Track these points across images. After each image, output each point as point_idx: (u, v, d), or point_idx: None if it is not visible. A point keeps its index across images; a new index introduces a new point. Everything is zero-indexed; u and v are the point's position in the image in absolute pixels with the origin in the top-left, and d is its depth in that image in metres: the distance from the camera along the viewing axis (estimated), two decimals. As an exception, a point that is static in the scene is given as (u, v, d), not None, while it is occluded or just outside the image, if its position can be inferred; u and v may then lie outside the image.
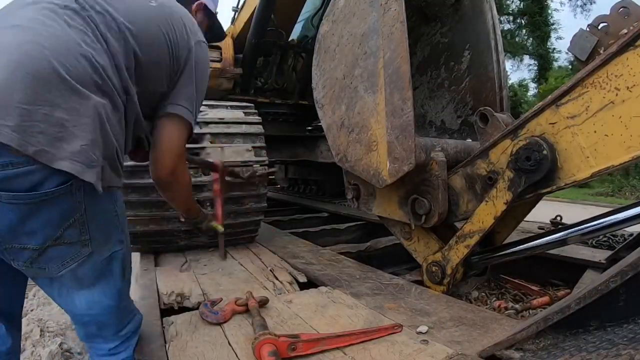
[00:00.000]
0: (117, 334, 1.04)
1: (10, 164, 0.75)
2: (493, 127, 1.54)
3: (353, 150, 1.66)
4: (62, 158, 0.78)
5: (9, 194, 0.77)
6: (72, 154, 0.79)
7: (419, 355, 1.06)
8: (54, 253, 0.86)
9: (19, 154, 0.75)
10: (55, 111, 0.78)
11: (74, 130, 0.80)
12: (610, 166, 1.15)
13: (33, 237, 0.82)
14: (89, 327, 1.01)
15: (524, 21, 17.80)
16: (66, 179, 0.81)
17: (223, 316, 1.29)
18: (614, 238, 2.29)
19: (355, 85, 1.63)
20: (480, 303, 1.88)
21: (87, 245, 0.90)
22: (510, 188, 1.33)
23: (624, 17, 1.30)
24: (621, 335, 0.85)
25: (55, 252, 0.86)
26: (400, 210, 1.69)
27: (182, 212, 1.51)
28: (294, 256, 2.12)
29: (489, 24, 1.97)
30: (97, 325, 1.01)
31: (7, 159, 0.75)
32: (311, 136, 4.16)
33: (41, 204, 0.80)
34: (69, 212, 0.85)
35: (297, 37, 3.69)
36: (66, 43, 0.84)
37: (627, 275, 0.84)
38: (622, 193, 11.65)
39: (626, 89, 1.09)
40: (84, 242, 0.89)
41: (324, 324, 1.26)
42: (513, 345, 0.99)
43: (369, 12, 1.57)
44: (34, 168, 0.77)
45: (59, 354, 2.07)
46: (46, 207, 0.81)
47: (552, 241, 1.50)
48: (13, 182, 0.76)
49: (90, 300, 0.95)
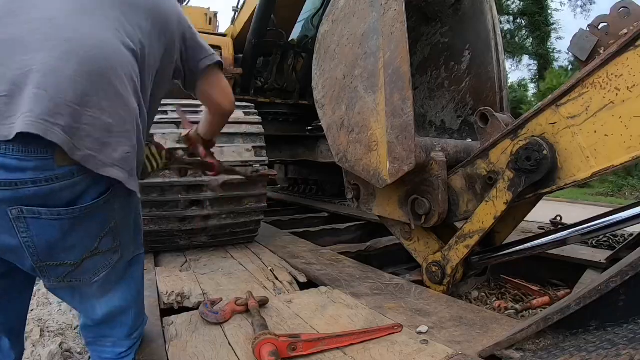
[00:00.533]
0: (128, 337, 1.02)
1: (55, 176, 0.70)
2: (493, 127, 1.54)
3: (353, 150, 1.66)
4: (108, 165, 0.74)
5: (51, 210, 0.71)
6: (118, 160, 0.76)
7: (419, 355, 1.06)
8: (89, 265, 0.82)
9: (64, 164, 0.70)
10: (103, 114, 0.74)
11: (119, 137, 0.77)
12: (610, 166, 1.15)
13: (72, 253, 0.78)
14: (103, 329, 0.98)
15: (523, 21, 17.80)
16: (105, 188, 0.78)
17: (223, 316, 1.29)
18: (614, 238, 2.29)
19: (355, 85, 1.63)
20: (480, 303, 1.88)
21: (118, 251, 0.88)
22: (510, 188, 1.33)
23: (624, 17, 1.30)
24: (621, 335, 0.85)
25: (90, 264, 0.83)
26: (400, 210, 1.69)
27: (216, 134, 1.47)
28: (294, 256, 2.12)
29: (489, 24, 1.97)
30: (110, 327, 0.98)
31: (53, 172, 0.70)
32: (311, 136, 4.16)
33: (83, 217, 0.76)
34: (106, 221, 0.82)
35: (297, 37, 3.69)
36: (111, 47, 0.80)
37: (627, 275, 0.84)
38: (622, 193, 11.65)
39: (626, 89, 1.09)
40: (114, 249, 0.87)
41: (324, 324, 1.26)
42: (513, 345, 0.99)
43: (369, 12, 1.57)
44: (79, 179, 0.73)
45: (59, 354, 2.06)
46: (87, 220, 0.77)
47: (552, 241, 1.50)
48: (56, 196, 0.71)
49: (111, 304, 0.93)
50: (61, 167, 0.70)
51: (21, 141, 0.66)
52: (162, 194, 1.99)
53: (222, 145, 2.18)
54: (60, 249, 0.76)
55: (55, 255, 0.77)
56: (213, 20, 3.96)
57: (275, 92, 3.72)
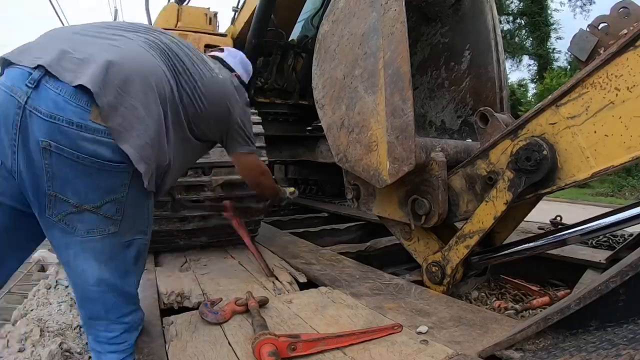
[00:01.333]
0: (119, 320, 1.06)
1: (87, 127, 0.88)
2: (493, 127, 1.54)
3: (353, 150, 1.66)
4: (129, 143, 0.92)
5: (75, 152, 0.88)
6: (135, 144, 0.93)
7: (418, 355, 1.06)
8: (87, 218, 0.95)
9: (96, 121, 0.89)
10: (138, 105, 0.95)
11: (144, 126, 0.96)
12: (610, 166, 1.15)
13: (77, 194, 0.92)
14: (96, 305, 1.04)
15: (523, 21, 17.82)
16: (124, 161, 0.93)
17: (223, 316, 1.29)
18: (614, 238, 2.29)
19: (355, 85, 1.63)
20: (480, 303, 1.88)
21: (117, 224, 0.99)
22: (510, 188, 1.33)
23: (624, 17, 1.30)
24: (621, 335, 0.85)
25: (88, 217, 0.95)
26: (400, 211, 1.69)
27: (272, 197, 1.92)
28: (294, 256, 2.12)
29: (489, 24, 1.97)
30: (103, 304, 1.03)
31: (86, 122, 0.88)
32: (311, 136, 4.15)
33: (96, 170, 0.92)
34: (116, 188, 0.96)
35: (297, 37, 3.69)
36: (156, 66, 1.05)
37: (627, 275, 0.84)
38: (622, 193, 11.65)
39: (626, 89, 1.09)
40: (115, 220, 0.98)
41: (324, 324, 1.26)
42: (513, 346, 0.99)
43: (369, 12, 1.57)
44: (105, 140, 0.90)
45: (59, 354, 2.06)
46: (102, 175, 0.93)
47: (552, 241, 1.50)
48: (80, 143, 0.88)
49: (100, 275, 1.00)
50: (92, 121, 0.89)
51: (74, 91, 0.88)
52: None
53: (222, 145, 2.18)
54: (70, 186, 0.91)
55: (64, 189, 0.91)
56: (213, 20, 3.95)
57: (275, 92, 3.72)
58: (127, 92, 0.93)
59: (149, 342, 1.15)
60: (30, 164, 0.89)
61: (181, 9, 3.60)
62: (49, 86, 0.87)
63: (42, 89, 0.87)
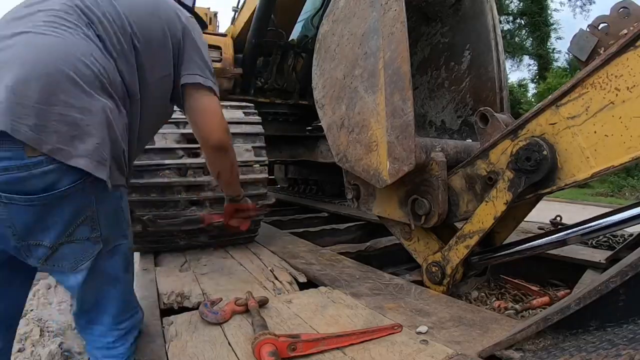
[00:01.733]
0: (115, 326, 1.05)
1: (25, 166, 0.79)
2: (493, 127, 1.54)
3: (353, 150, 1.66)
4: (77, 156, 0.82)
5: (24, 197, 0.80)
6: (86, 152, 0.84)
7: (418, 355, 1.06)
8: (67, 250, 0.89)
9: (34, 155, 0.78)
10: (70, 111, 0.83)
11: (87, 130, 0.85)
12: (610, 166, 1.15)
13: (47, 234, 0.86)
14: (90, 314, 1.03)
15: (523, 21, 17.82)
16: (79, 177, 0.84)
17: (223, 316, 1.29)
18: (614, 238, 2.29)
19: (355, 85, 1.63)
20: (480, 303, 1.88)
21: (98, 242, 0.93)
22: (510, 188, 1.33)
23: (624, 17, 1.30)
24: (621, 336, 0.85)
25: (68, 250, 0.89)
26: (400, 211, 1.69)
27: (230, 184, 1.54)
28: (294, 256, 2.12)
29: (489, 24, 1.97)
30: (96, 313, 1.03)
31: (22, 162, 0.78)
32: (311, 136, 4.15)
33: (56, 202, 0.83)
34: (81, 209, 0.88)
35: (297, 37, 3.68)
36: (73, 49, 0.89)
37: (627, 275, 0.84)
38: (622, 193, 11.65)
39: (626, 90, 1.09)
40: (95, 239, 0.93)
41: (324, 324, 1.26)
42: (513, 346, 0.99)
43: (369, 12, 1.57)
44: (49, 168, 0.80)
45: (59, 354, 2.07)
46: (60, 205, 0.85)
47: (552, 241, 1.49)
48: (28, 184, 0.79)
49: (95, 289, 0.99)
50: (30, 157, 0.78)
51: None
52: (162, 194, 1.99)
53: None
54: (38, 229, 0.85)
55: (32, 234, 0.85)
56: (213, 20, 3.96)
57: (275, 92, 3.72)
58: (49, 102, 0.80)
59: (149, 342, 1.15)
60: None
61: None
62: None
63: None
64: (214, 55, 3.16)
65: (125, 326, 1.08)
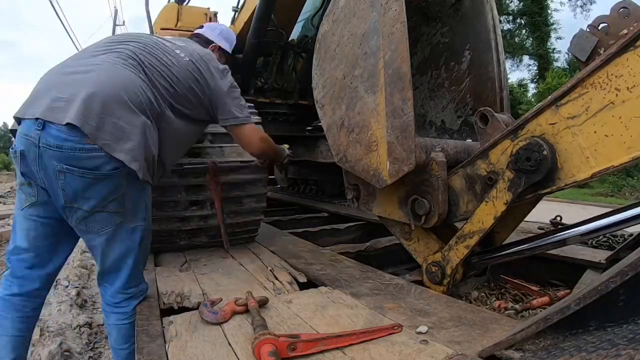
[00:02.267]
0: (124, 290, 1.38)
1: (84, 149, 1.17)
2: (493, 127, 1.54)
3: (353, 151, 1.66)
4: (119, 151, 1.20)
5: (80, 169, 1.17)
6: (126, 150, 1.21)
7: (418, 355, 1.06)
8: (98, 217, 1.25)
9: (92, 143, 1.17)
10: (120, 121, 1.22)
11: (129, 135, 1.23)
12: (610, 167, 1.15)
13: (87, 202, 1.22)
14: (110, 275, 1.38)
15: (523, 21, 17.82)
16: (118, 165, 1.21)
17: (223, 316, 1.29)
18: (614, 238, 2.29)
19: (355, 85, 1.63)
20: (480, 303, 1.88)
21: (122, 215, 1.29)
22: (510, 188, 1.33)
23: (624, 17, 1.30)
24: (621, 336, 0.85)
25: (99, 217, 1.26)
26: (400, 211, 1.69)
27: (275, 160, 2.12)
28: (294, 256, 2.12)
29: (489, 24, 1.97)
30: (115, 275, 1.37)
31: (83, 145, 1.16)
32: (311, 136, 4.15)
33: (99, 180, 1.20)
34: (115, 189, 1.24)
35: (297, 37, 3.68)
36: (128, 79, 1.31)
37: (627, 275, 0.84)
38: (622, 193, 11.65)
39: (626, 90, 1.09)
40: (119, 213, 1.28)
41: (323, 324, 1.26)
42: (513, 346, 0.99)
43: (370, 12, 1.57)
44: (99, 155, 1.18)
45: (59, 354, 2.07)
46: (102, 183, 1.21)
47: (552, 241, 1.50)
48: (83, 161, 1.17)
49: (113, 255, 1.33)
50: (89, 144, 1.17)
51: (69, 126, 1.16)
52: (162, 194, 1.99)
53: (222, 145, 2.18)
54: (81, 197, 1.21)
55: (77, 200, 1.21)
56: (213, 20, 3.96)
57: (275, 92, 3.72)
58: (108, 113, 1.20)
59: (149, 342, 1.15)
60: (51, 185, 1.20)
61: (181, 8, 3.61)
62: (51, 127, 1.16)
63: (47, 129, 1.16)
64: (214, 55, 3.16)
65: (132, 292, 1.40)
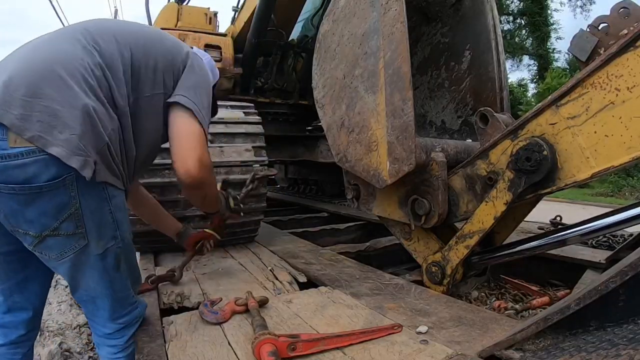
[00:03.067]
0: (112, 321, 1.12)
1: (9, 155, 0.85)
2: (493, 127, 1.54)
3: (353, 150, 1.66)
4: (54, 144, 0.87)
5: (8, 185, 0.87)
6: (62, 141, 0.88)
7: (418, 355, 1.06)
8: (51, 242, 0.95)
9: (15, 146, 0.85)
10: (52, 103, 0.89)
11: (66, 121, 0.90)
12: (610, 167, 1.15)
13: (32, 225, 0.92)
14: (88, 305, 1.11)
15: (523, 21, 17.81)
16: (58, 174, 0.89)
17: (223, 316, 1.29)
18: (613, 238, 2.29)
19: (355, 85, 1.63)
20: (480, 303, 1.88)
21: (84, 237, 0.98)
22: (510, 189, 1.33)
23: (624, 17, 1.30)
24: (621, 336, 0.85)
25: (53, 242, 0.95)
26: (400, 211, 1.69)
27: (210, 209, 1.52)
28: (294, 256, 2.12)
29: (490, 24, 1.96)
30: (93, 306, 1.10)
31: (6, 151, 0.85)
32: (311, 136, 4.15)
33: (36, 195, 0.89)
34: (64, 206, 0.93)
35: (297, 37, 3.68)
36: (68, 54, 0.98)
37: (627, 275, 0.84)
38: (622, 193, 11.64)
39: (626, 90, 1.09)
40: (80, 235, 0.97)
41: (323, 324, 1.26)
42: (513, 345, 0.99)
43: (370, 12, 1.57)
44: (30, 160, 0.86)
45: (59, 353, 2.07)
46: (41, 199, 0.90)
47: (552, 241, 1.50)
48: (12, 173, 0.86)
49: (85, 286, 1.05)
50: (13, 147, 0.85)
51: None
52: (162, 194, 1.99)
53: (222, 145, 2.18)
54: (22, 219, 0.92)
55: (19, 223, 0.92)
56: (213, 20, 3.96)
57: (275, 92, 3.72)
58: (36, 95, 0.88)
59: (149, 342, 1.15)
60: None
61: (181, 8, 3.60)
62: None
63: None
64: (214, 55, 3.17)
65: (124, 321, 1.14)
